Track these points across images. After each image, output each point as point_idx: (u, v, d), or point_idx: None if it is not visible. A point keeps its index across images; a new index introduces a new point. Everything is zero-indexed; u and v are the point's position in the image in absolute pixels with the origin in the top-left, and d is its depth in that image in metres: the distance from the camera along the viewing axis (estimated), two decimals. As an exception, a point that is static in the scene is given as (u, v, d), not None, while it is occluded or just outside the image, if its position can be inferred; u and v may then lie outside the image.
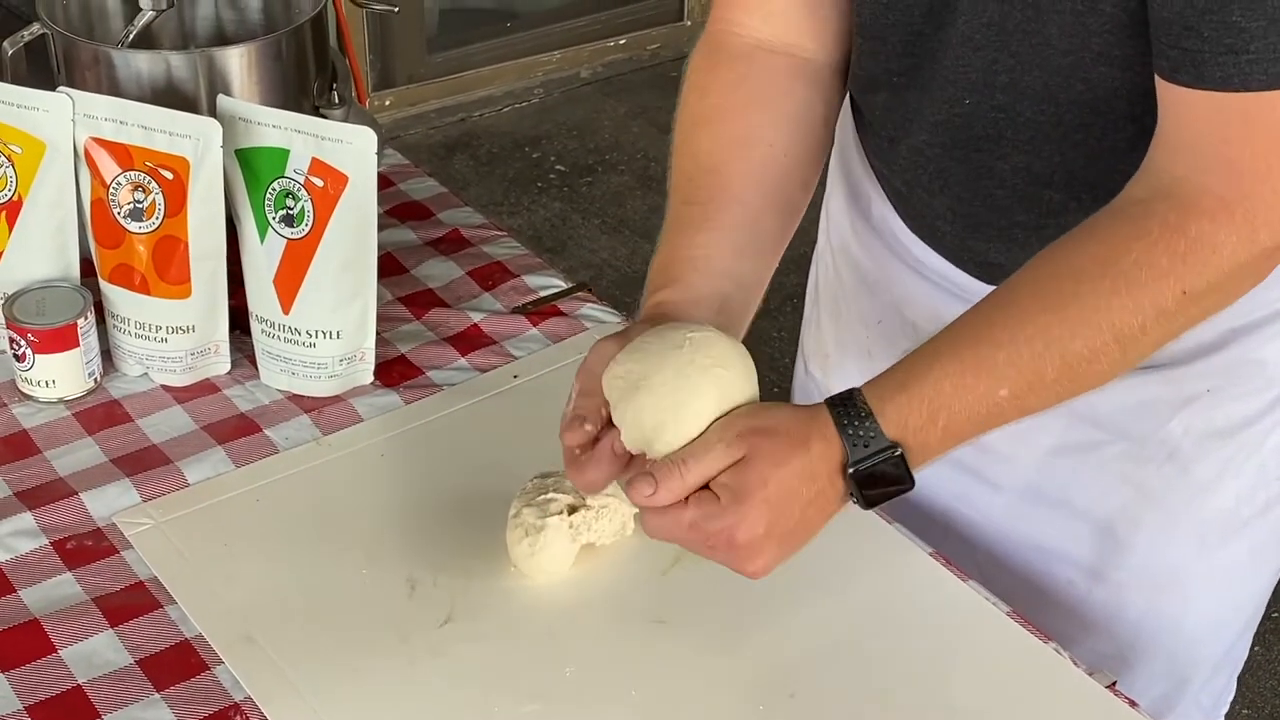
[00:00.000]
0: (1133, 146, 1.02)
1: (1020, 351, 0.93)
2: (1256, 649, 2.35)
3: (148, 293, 1.26)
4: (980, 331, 0.95)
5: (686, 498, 0.93)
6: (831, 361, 1.36)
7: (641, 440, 0.96)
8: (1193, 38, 0.90)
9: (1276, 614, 2.42)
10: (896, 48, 1.09)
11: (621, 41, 3.83)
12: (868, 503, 0.94)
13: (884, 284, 1.28)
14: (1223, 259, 0.92)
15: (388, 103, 3.59)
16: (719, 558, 0.94)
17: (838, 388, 1.33)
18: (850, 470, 0.92)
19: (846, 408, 0.93)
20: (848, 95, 1.25)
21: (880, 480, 0.93)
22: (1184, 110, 0.93)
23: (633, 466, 0.98)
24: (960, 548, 1.21)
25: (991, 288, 1.17)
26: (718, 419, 0.95)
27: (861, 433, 0.92)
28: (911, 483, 0.94)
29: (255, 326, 1.28)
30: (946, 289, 1.21)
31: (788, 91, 1.15)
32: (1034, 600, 1.19)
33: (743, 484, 0.91)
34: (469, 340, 1.36)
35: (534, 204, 3.37)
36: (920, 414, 0.93)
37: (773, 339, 2.83)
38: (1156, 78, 0.95)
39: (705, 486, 0.93)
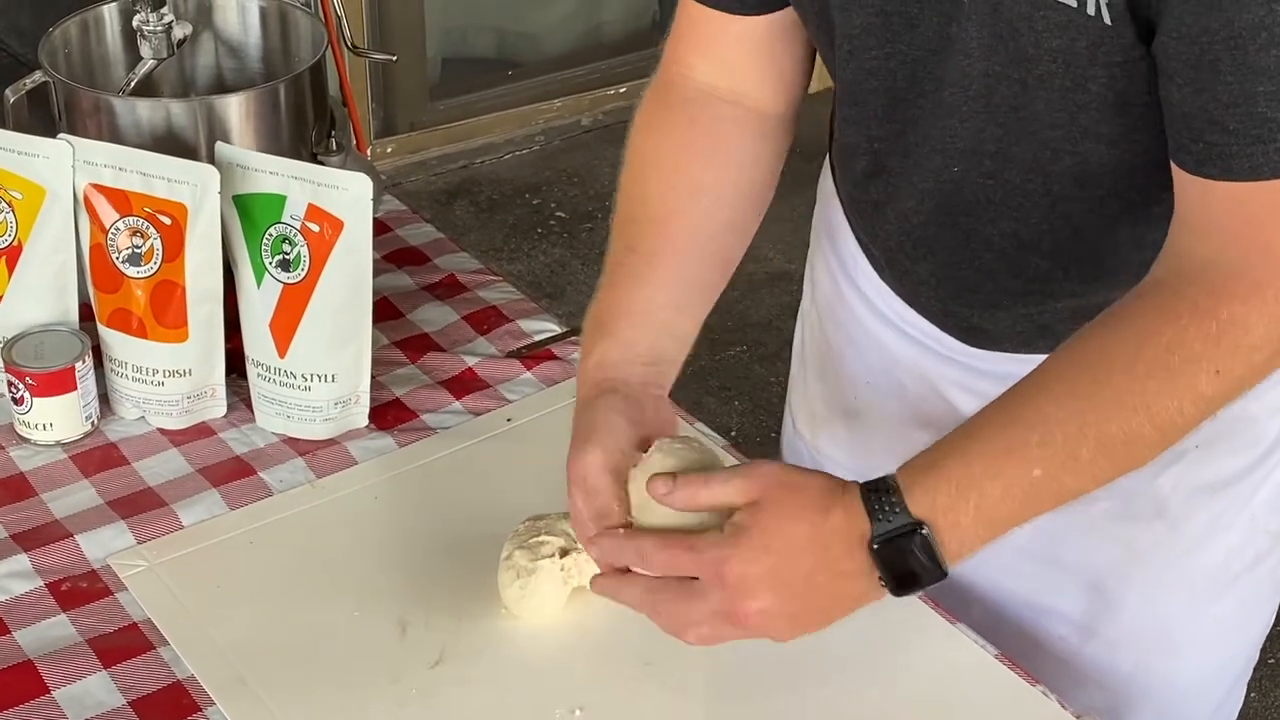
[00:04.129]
0: (1118, 221, 1.03)
1: (1054, 433, 0.91)
2: (1252, 695, 2.34)
3: (145, 337, 1.27)
4: (1011, 415, 0.93)
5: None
6: (819, 420, 1.37)
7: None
8: (1218, 131, 0.89)
9: (1272, 660, 2.41)
10: (878, 113, 1.09)
11: (622, 90, 3.85)
12: (897, 585, 0.92)
13: (870, 344, 1.28)
14: (1255, 339, 0.91)
15: (390, 150, 3.61)
16: (713, 601, 0.93)
17: (826, 446, 1.35)
18: (875, 545, 0.91)
19: (876, 484, 0.93)
20: (828, 158, 1.26)
21: (909, 564, 0.91)
22: (1210, 198, 0.92)
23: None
24: (953, 601, 1.21)
25: (977, 350, 1.19)
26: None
27: (886, 507, 0.91)
28: (943, 570, 0.91)
29: (251, 370, 1.29)
30: (933, 349, 1.22)
31: (736, 143, 1.15)
32: (1027, 655, 1.18)
33: (744, 523, 0.92)
34: (463, 384, 1.37)
35: (534, 250, 3.39)
36: (949, 493, 0.91)
37: (770, 384, 2.84)
38: (1174, 167, 0.93)
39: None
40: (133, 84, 1.41)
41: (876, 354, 1.28)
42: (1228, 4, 0.85)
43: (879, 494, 0.92)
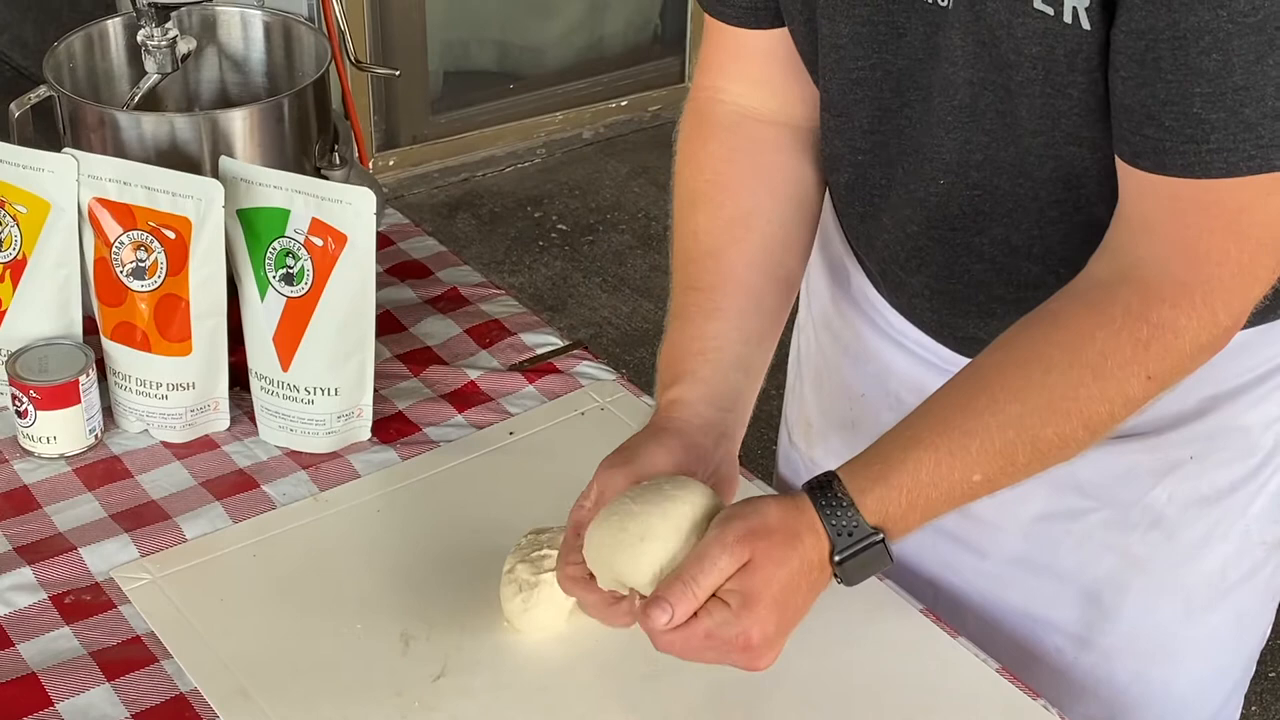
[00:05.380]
0: (1105, 223, 1.04)
1: (993, 439, 0.96)
2: (1253, 708, 2.34)
3: (149, 350, 1.27)
4: (952, 418, 0.97)
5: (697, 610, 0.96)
6: (815, 431, 1.37)
7: (619, 579, 0.99)
8: (1154, 126, 0.91)
9: (1273, 673, 2.41)
10: (863, 124, 1.10)
11: (623, 103, 3.87)
12: (852, 582, 0.98)
13: (866, 356, 1.29)
14: (1184, 343, 0.95)
15: (392, 163, 3.62)
16: (732, 660, 0.96)
17: (820, 458, 1.36)
18: (837, 559, 0.96)
19: (828, 497, 0.96)
20: None
21: (867, 564, 0.97)
22: (1145, 194, 0.95)
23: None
24: (949, 613, 1.22)
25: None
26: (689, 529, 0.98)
27: (845, 523, 0.96)
28: (892, 560, 0.97)
29: (254, 383, 1.30)
30: (929, 361, 1.22)
31: (778, 164, 1.16)
32: (1023, 666, 1.19)
33: (751, 588, 0.94)
34: (465, 397, 1.37)
35: (535, 263, 3.40)
36: (900, 503, 0.96)
37: (769, 396, 2.84)
38: (1117, 159, 0.96)
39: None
40: (137, 98, 1.41)
41: (872, 366, 1.29)
42: (1176, 5, 0.87)
43: (834, 508, 0.96)
